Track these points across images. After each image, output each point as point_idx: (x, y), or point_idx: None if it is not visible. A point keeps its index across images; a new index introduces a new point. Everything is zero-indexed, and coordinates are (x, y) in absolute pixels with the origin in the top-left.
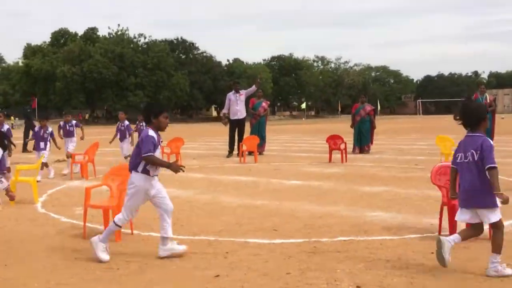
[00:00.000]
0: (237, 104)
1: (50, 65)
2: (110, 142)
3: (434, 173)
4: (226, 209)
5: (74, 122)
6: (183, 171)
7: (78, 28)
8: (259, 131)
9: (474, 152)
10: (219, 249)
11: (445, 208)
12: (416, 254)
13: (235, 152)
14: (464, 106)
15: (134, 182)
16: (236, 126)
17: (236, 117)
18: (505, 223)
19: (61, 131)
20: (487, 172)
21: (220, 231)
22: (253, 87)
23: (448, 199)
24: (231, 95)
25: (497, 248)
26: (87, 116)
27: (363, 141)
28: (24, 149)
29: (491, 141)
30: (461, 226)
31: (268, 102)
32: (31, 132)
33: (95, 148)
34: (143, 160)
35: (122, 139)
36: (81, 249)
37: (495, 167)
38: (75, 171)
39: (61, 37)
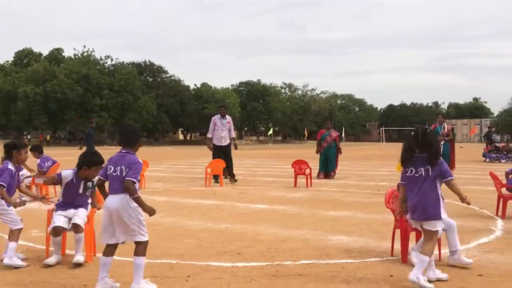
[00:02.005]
0: (222, 130)
1: (12, 85)
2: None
3: (388, 197)
4: (189, 233)
5: None
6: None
7: (43, 48)
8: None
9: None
10: (180, 273)
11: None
12: (376, 276)
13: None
14: None
15: None
16: (220, 151)
17: (219, 143)
18: (463, 246)
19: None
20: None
21: (182, 254)
22: (231, 133)
23: (402, 222)
24: (216, 119)
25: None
26: (48, 137)
27: (329, 167)
28: None
29: None
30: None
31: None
32: None
33: (56, 169)
34: None
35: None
36: (36, 272)
37: None
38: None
39: (24, 56)
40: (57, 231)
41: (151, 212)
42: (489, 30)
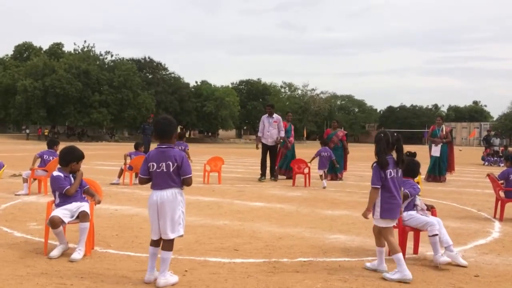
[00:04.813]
0: (268, 130)
1: (11, 78)
2: None
3: None
4: (186, 228)
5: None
6: None
7: (43, 42)
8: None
9: None
10: (178, 267)
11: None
12: (373, 275)
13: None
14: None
15: None
16: (267, 150)
17: (266, 142)
18: (461, 248)
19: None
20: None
21: (179, 249)
22: (281, 133)
23: (400, 222)
24: (264, 118)
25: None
26: (46, 131)
27: (336, 168)
28: None
29: None
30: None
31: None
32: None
33: (56, 163)
34: None
35: None
36: (34, 264)
37: None
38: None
39: (24, 50)
40: (54, 222)
41: None
42: (490, 33)
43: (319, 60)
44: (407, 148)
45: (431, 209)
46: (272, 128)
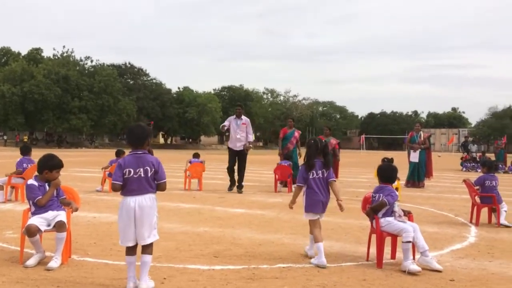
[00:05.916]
0: (237, 133)
1: None
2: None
3: (364, 202)
4: (166, 235)
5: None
6: None
7: (22, 47)
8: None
9: None
10: (156, 275)
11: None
12: (351, 280)
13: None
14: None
15: None
16: (235, 155)
17: (234, 147)
18: (437, 252)
19: None
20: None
21: (158, 257)
22: (249, 137)
23: (378, 228)
24: (232, 119)
25: None
26: (25, 138)
27: None
28: None
29: None
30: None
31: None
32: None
33: (33, 170)
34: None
35: None
36: (9, 273)
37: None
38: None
39: (2, 55)
40: (30, 231)
41: None
42: (468, 41)
43: (301, 66)
44: (386, 154)
45: (408, 214)
46: (240, 131)
